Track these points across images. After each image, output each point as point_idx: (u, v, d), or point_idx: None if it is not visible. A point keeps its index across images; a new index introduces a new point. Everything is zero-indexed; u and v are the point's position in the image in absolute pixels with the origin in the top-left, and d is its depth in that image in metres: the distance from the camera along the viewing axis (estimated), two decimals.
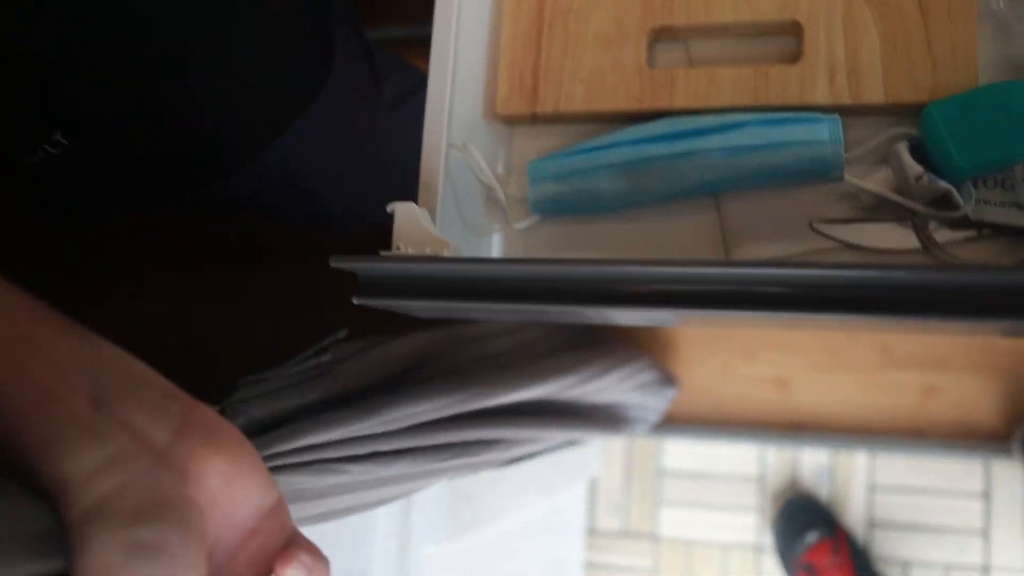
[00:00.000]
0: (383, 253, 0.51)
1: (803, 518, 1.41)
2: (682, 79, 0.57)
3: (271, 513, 0.43)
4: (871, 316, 0.43)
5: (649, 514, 1.51)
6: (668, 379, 1.31)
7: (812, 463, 1.45)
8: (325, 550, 0.44)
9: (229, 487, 0.40)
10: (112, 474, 0.36)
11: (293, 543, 0.43)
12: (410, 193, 0.55)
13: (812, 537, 1.38)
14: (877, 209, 0.54)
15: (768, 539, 1.46)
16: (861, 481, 1.43)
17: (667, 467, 1.50)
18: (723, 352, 1.43)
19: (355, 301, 0.51)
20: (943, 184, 0.49)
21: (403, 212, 0.52)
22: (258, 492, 0.42)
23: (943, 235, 0.52)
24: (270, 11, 0.63)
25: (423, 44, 0.57)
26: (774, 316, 0.45)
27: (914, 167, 0.50)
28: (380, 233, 0.53)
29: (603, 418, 1.05)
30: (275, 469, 0.54)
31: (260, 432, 0.54)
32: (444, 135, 0.55)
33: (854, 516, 1.43)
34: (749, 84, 0.55)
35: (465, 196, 0.58)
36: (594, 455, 1.49)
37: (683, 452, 1.50)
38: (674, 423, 1.44)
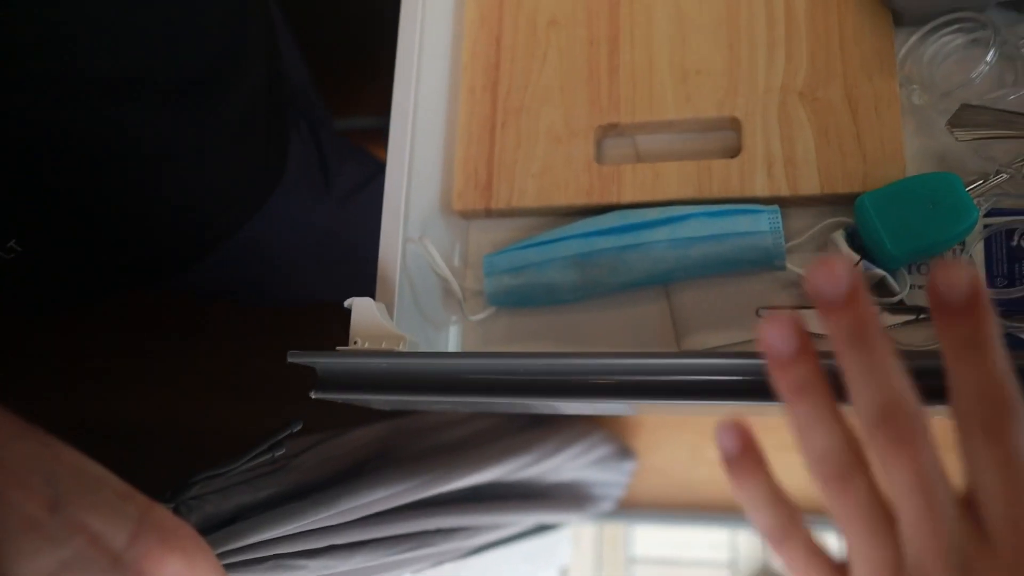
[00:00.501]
0: (340, 349, 0.52)
1: None
2: (629, 174, 0.59)
3: None
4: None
5: None
6: (625, 451, 1.31)
7: None
8: None
9: None
10: None
11: None
12: (367, 283, 0.56)
13: None
14: None
15: None
16: None
17: (637, 554, 1.49)
18: (690, 434, 1.43)
19: (313, 396, 0.51)
20: (878, 271, 0.51)
21: (360, 307, 0.53)
22: None
23: (883, 319, 0.54)
24: (231, 115, 0.65)
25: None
26: (724, 405, 0.46)
27: (850, 255, 0.52)
28: (336, 311, 0.53)
29: (565, 497, 1.04)
30: (230, 566, 0.54)
31: (215, 528, 0.53)
32: (401, 230, 0.56)
33: None
34: (693, 178, 0.57)
35: (422, 289, 0.59)
36: (564, 543, 1.47)
37: (653, 538, 1.48)
38: (643, 508, 1.43)
